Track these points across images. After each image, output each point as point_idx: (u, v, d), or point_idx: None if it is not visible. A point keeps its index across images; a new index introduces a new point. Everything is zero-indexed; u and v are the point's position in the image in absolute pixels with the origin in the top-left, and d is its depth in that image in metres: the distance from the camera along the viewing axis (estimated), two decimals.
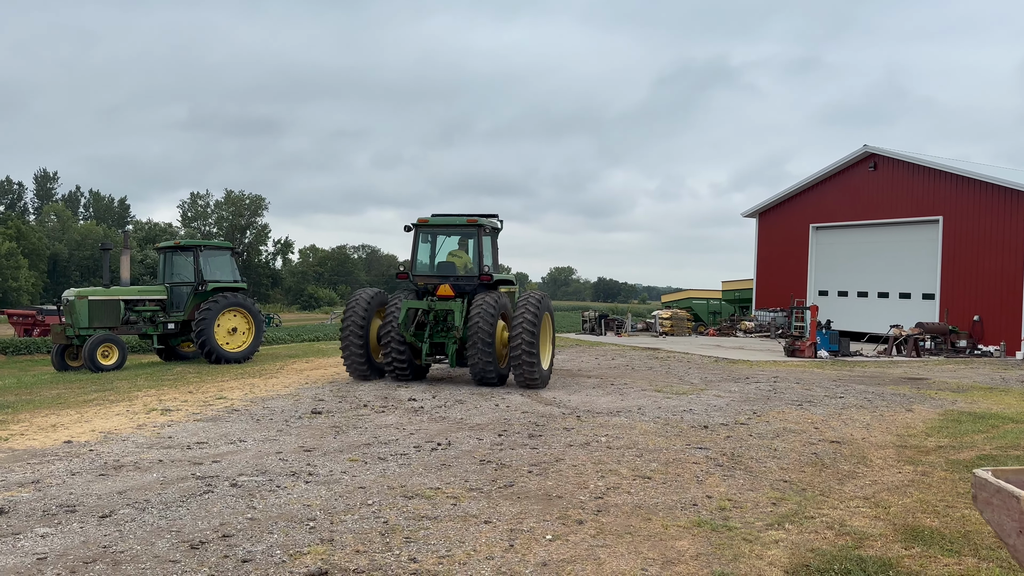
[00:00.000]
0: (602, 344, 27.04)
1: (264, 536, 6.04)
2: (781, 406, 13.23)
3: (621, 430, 10.63)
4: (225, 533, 6.08)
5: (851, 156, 31.59)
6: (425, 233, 15.36)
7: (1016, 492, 3.40)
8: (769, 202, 34.91)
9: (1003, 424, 11.99)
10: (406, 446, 9.34)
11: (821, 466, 8.83)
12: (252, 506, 6.82)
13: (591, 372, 17.94)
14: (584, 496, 7.33)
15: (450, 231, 15.39)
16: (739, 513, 6.89)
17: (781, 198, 34.39)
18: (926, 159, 29.62)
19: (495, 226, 15.58)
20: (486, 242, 15.13)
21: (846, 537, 6.23)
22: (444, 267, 15.34)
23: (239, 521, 6.39)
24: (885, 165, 30.54)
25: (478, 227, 14.92)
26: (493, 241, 15.54)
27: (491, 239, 15.49)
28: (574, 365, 19.55)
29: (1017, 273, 26.26)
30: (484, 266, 14.90)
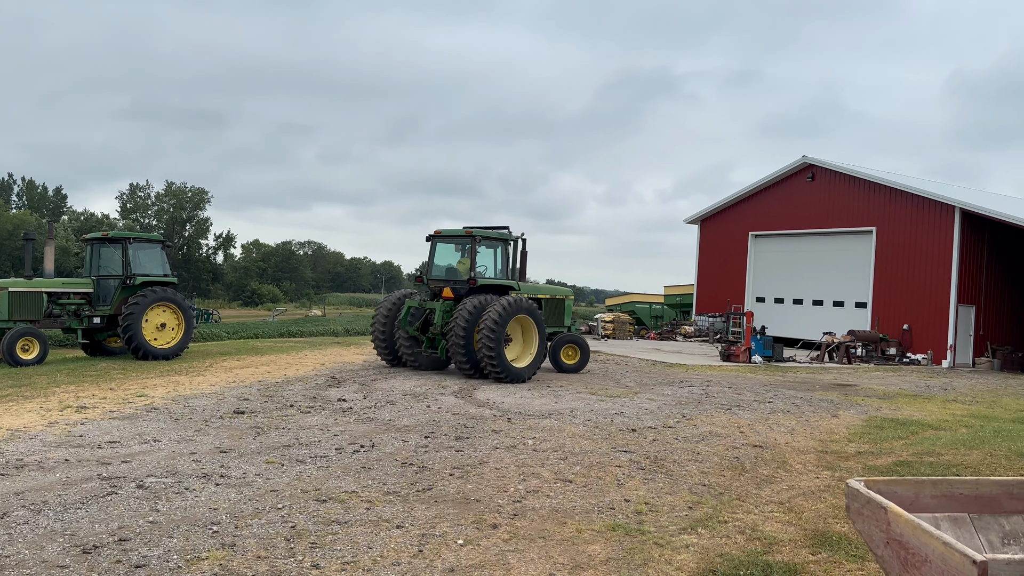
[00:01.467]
0: None
1: (163, 540, 5.80)
2: (711, 410, 13.38)
3: (550, 432, 10.59)
4: (122, 537, 5.83)
5: (790, 166, 32.28)
6: (437, 243, 17.50)
7: (884, 503, 3.43)
8: (711, 209, 35.45)
9: (922, 431, 12.30)
10: (327, 448, 9.14)
11: (741, 470, 8.92)
12: (155, 509, 6.57)
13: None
14: (503, 500, 7.25)
15: (455, 241, 17.49)
16: (654, 517, 6.89)
17: (722, 206, 34.95)
18: (861, 171, 30.43)
19: (504, 237, 17.21)
20: (482, 251, 16.97)
21: (756, 542, 6.28)
22: (451, 272, 17.51)
23: (139, 524, 6.14)
24: (823, 176, 31.28)
25: (472, 238, 16.80)
26: (503, 251, 17.32)
27: (498, 250, 17.28)
28: None
29: (945, 284, 27.15)
30: (475, 272, 16.63)
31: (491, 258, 17.19)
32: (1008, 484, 3.89)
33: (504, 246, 17.28)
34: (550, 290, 19.28)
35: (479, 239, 16.79)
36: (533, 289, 18.71)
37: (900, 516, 3.29)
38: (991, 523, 3.82)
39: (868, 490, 3.69)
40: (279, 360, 19.04)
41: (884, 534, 3.38)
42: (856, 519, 3.73)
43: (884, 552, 3.43)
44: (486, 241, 16.96)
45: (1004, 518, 3.83)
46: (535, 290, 18.74)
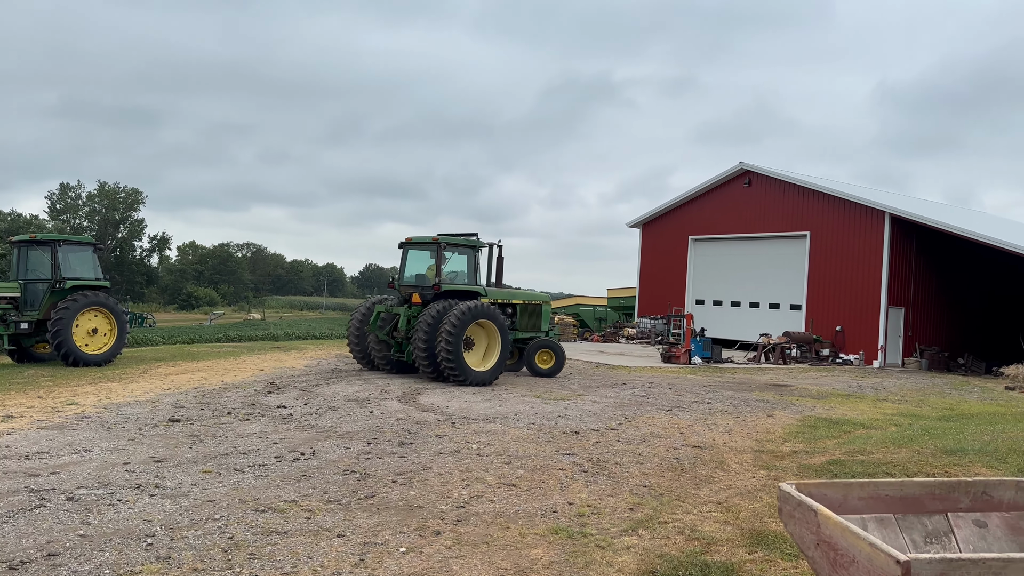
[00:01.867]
0: None
1: (94, 554, 5.62)
2: (652, 411, 13.58)
3: (494, 437, 10.61)
4: (51, 552, 5.63)
5: (728, 172, 33.01)
6: (408, 249, 17.90)
7: (814, 506, 3.55)
8: (652, 214, 36.01)
9: (854, 430, 12.71)
10: (267, 456, 8.98)
11: (681, 471, 9.09)
12: (87, 522, 6.36)
13: None
14: (446, 505, 7.24)
15: (422, 248, 17.77)
16: (596, 519, 6.97)
17: (663, 210, 35.53)
18: (796, 177, 31.31)
19: (472, 244, 17.64)
20: (453, 258, 17.49)
21: (695, 542, 6.41)
22: (420, 278, 17.75)
23: (69, 538, 5.93)
24: (759, 182, 32.07)
25: (437, 244, 17.19)
26: (472, 257, 17.70)
27: (467, 256, 17.66)
28: None
29: (875, 286, 28.12)
30: (440, 278, 16.99)
31: (461, 264, 17.65)
32: (930, 485, 4.07)
33: (473, 252, 17.67)
34: (525, 295, 19.40)
35: (445, 245, 17.20)
36: (507, 295, 18.82)
37: (829, 518, 3.41)
38: (915, 523, 3.98)
39: (799, 493, 3.81)
40: (216, 366, 18.61)
41: (814, 536, 3.50)
42: (788, 521, 3.85)
43: (814, 553, 3.54)
44: (454, 248, 17.41)
45: (927, 518, 4.00)
46: (509, 295, 18.86)
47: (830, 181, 33.46)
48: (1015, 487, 4.01)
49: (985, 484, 4.02)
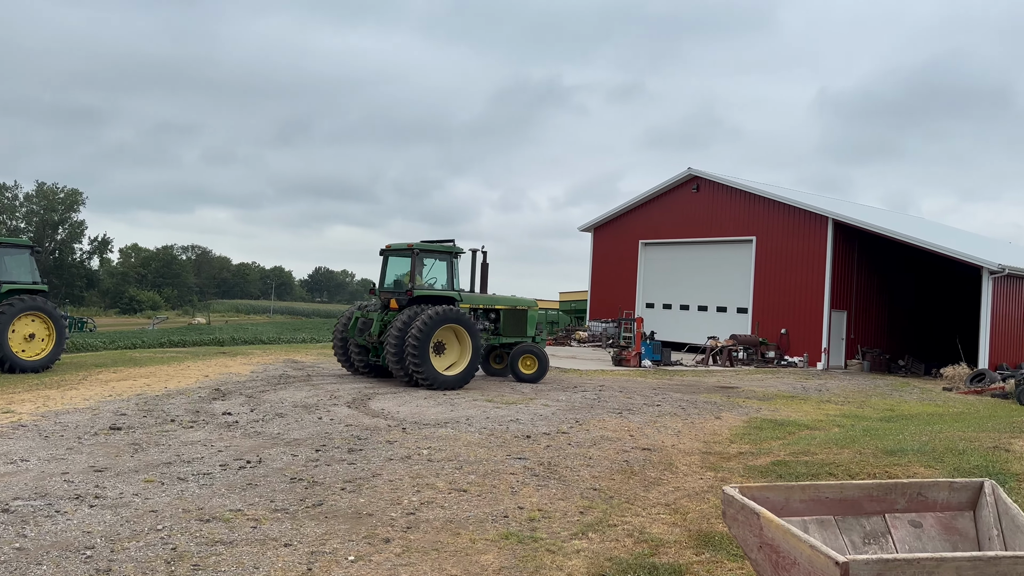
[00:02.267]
0: None
1: (31, 568, 5.43)
2: (602, 415, 13.69)
3: (445, 442, 10.57)
4: None
5: (677, 178, 33.51)
6: (388, 256, 18.20)
7: (756, 508, 3.63)
8: (603, 218, 36.34)
9: (799, 431, 13.01)
10: (211, 464, 8.80)
11: (630, 473, 9.18)
12: (23, 534, 6.14)
13: None
14: (396, 512, 7.18)
15: (401, 255, 17.95)
16: (547, 524, 7.00)
17: (614, 214, 35.89)
18: (742, 183, 31.94)
19: (449, 250, 17.81)
20: (432, 264, 17.77)
21: (644, 544, 6.48)
22: (398, 284, 17.97)
23: (4, 552, 5.73)
24: (707, 187, 32.63)
25: (411, 251, 17.43)
26: (449, 264, 17.91)
27: (444, 263, 17.87)
28: None
29: (819, 290, 28.83)
30: (413, 284, 17.25)
31: (440, 271, 17.92)
32: (868, 487, 4.19)
33: (450, 259, 17.91)
34: (510, 301, 19.40)
35: (419, 252, 17.50)
36: (489, 300, 18.88)
37: (771, 521, 3.49)
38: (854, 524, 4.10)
39: (742, 496, 3.88)
40: (159, 372, 18.16)
41: (757, 538, 3.57)
42: (732, 524, 3.92)
43: (757, 556, 3.62)
44: (432, 254, 17.74)
45: (865, 519, 4.12)
46: (492, 301, 18.92)
47: (775, 187, 34.24)
48: (948, 488, 4.15)
49: (920, 485, 4.15)
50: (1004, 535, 3.80)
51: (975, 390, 22.48)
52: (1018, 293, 28.03)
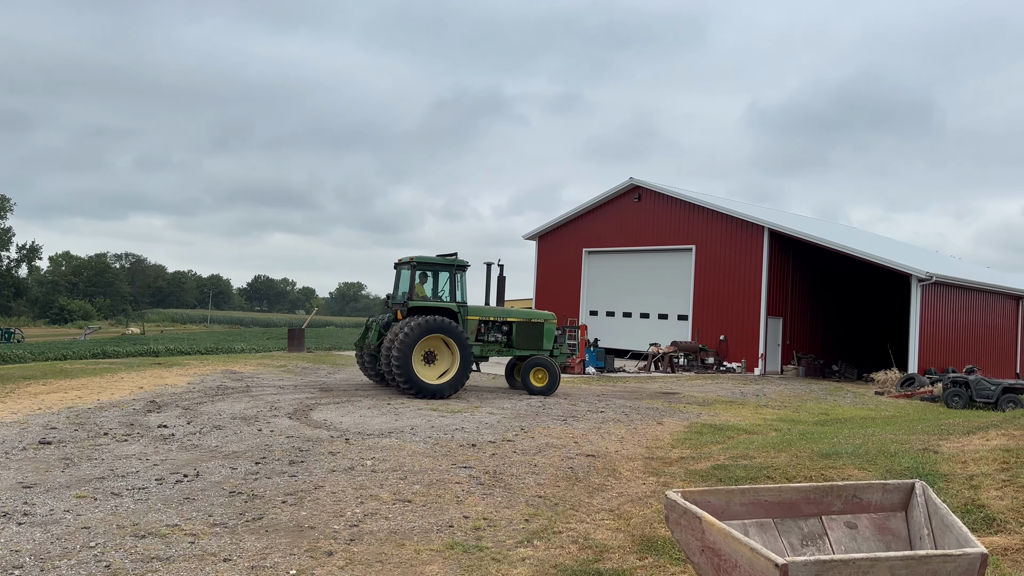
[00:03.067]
0: None
1: None
2: (547, 422, 13.75)
3: (389, 452, 10.46)
4: None
5: (619, 187, 33.97)
6: (400, 269, 18.71)
7: (699, 513, 3.70)
8: (547, 226, 36.59)
9: (737, 435, 13.28)
10: (146, 479, 8.53)
11: (575, 480, 9.24)
12: None
13: (369, 392, 17.61)
14: (339, 525, 7.08)
15: (403, 268, 18.49)
16: (492, 532, 6.99)
17: (558, 223, 36.17)
18: (682, 193, 32.56)
19: (451, 263, 18.07)
20: (426, 276, 18.16)
21: (588, 551, 6.52)
22: (402, 297, 18.28)
23: None
24: (648, 197, 33.16)
25: (411, 265, 17.92)
26: (450, 276, 18.15)
27: (447, 275, 18.18)
28: (352, 384, 19.11)
29: (756, 297, 29.54)
30: (410, 296, 17.58)
31: (443, 283, 18.26)
32: (805, 490, 4.31)
33: (452, 271, 18.17)
34: (524, 314, 19.36)
35: (417, 264, 17.97)
36: (502, 312, 18.89)
37: (713, 525, 3.55)
38: (792, 526, 4.21)
39: (684, 501, 3.95)
40: (91, 384, 17.54)
41: (699, 542, 3.63)
42: (674, 529, 3.98)
43: (700, 559, 3.68)
44: (433, 267, 18.18)
45: (803, 521, 4.23)
46: (504, 313, 18.90)
47: (714, 197, 34.98)
48: (881, 489, 4.30)
49: (855, 488, 4.29)
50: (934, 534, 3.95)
51: (905, 394, 23.31)
52: (945, 300, 29.21)
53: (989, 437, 10.63)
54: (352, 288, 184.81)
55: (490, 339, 18.74)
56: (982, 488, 7.82)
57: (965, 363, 28.43)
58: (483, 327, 18.70)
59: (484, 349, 18.66)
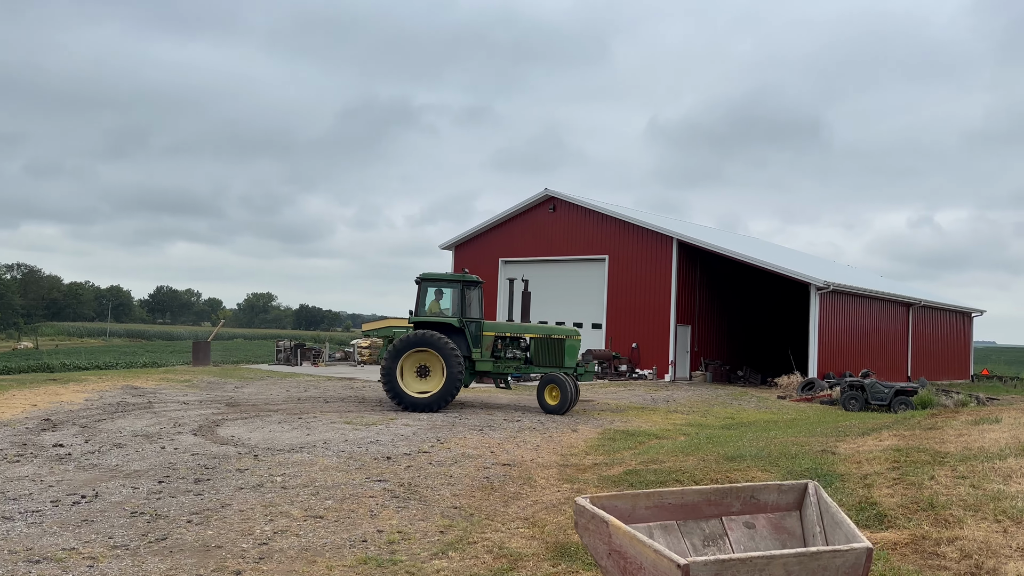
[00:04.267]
0: (296, 375, 26.16)
1: None
2: (464, 432, 13.75)
3: (301, 467, 10.26)
4: None
5: (534, 198, 34.36)
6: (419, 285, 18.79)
7: (605, 517, 3.82)
8: (464, 236, 36.64)
9: (648, 440, 13.61)
10: (41, 501, 8.10)
11: (491, 489, 9.28)
12: None
13: (279, 406, 17.21)
14: (247, 543, 6.89)
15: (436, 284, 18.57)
16: (407, 545, 6.95)
17: (474, 233, 36.28)
18: (595, 204, 33.21)
19: (459, 279, 18.12)
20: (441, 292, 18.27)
21: (503, 560, 6.56)
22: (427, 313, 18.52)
23: None
24: (563, 207, 33.66)
25: (418, 281, 18.37)
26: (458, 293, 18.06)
27: (454, 291, 18.15)
28: (262, 399, 18.62)
29: (665, 306, 30.36)
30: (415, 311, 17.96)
31: (454, 299, 18.23)
32: (706, 492, 4.49)
33: (461, 287, 18.09)
34: (544, 330, 18.83)
35: (421, 281, 18.32)
36: (519, 328, 18.53)
37: (619, 528, 3.66)
38: (694, 528, 4.37)
39: (592, 506, 4.05)
40: None
41: (606, 546, 3.73)
42: (583, 534, 4.07)
43: (607, 563, 3.78)
44: (439, 283, 18.35)
45: (704, 522, 4.41)
46: (522, 329, 18.51)
47: (626, 208, 35.82)
48: (777, 490, 4.52)
49: (753, 489, 4.49)
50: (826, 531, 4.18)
51: (806, 397, 24.39)
52: (842, 307, 30.74)
53: (882, 438, 11.26)
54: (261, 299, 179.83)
55: (508, 355, 18.32)
56: (875, 487, 8.27)
57: (861, 367, 29.97)
58: (500, 343, 18.35)
59: (501, 366, 18.27)
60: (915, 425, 12.21)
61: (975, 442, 10.01)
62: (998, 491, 7.48)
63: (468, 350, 17.81)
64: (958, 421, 12.19)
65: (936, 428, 11.58)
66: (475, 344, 17.95)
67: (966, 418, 12.51)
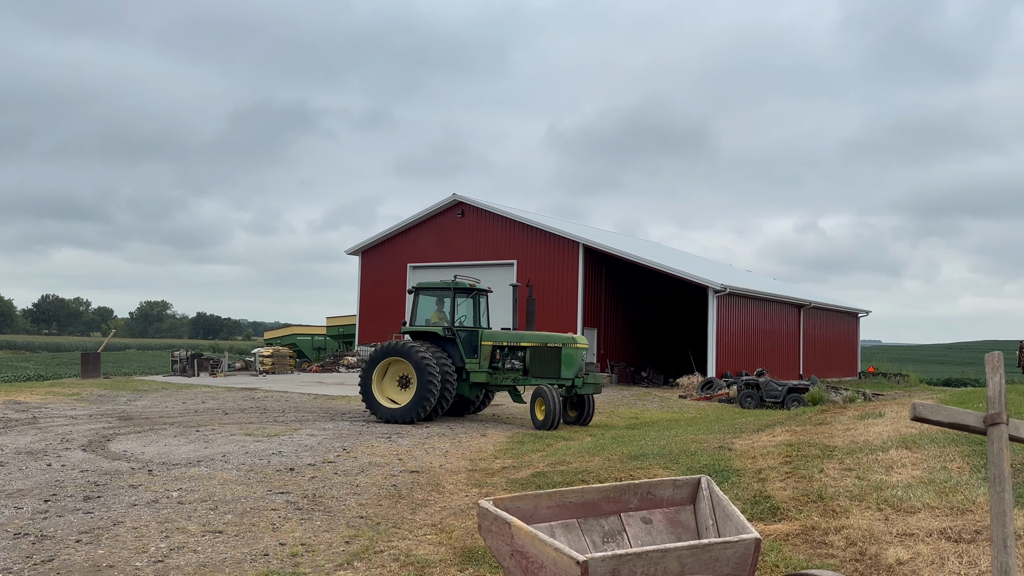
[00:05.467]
0: (193, 387, 25.20)
1: None
2: (371, 440, 13.58)
3: (198, 482, 9.89)
4: None
5: (442, 203, 34.32)
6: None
7: (508, 518, 3.88)
8: (370, 241, 36.22)
9: (556, 442, 13.80)
10: None
11: (398, 497, 9.20)
12: None
13: (175, 419, 16.54)
14: (141, 562, 6.60)
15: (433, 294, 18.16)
16: (311, 557, 6.81)
17: (382, 238, 35.91)
18: (503, 209, 33.45)
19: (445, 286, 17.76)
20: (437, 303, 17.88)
21: (409, 567, 6.52)
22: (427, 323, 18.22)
23: None
24: (471, 213, 33.75)
25: (411, 291, 18.26)
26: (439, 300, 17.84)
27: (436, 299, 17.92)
28: (156, 412, 17.86)
29: (573, 309, 30.85)
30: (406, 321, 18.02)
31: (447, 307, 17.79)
32: (605, 490, 4.61)
33: (452, 295, 17.52)
34: (540, 337, 17.26)
35: (412, 290, 18.22)
36: (514, 336, 17.30)
37: (521, 528, 3.71)
38: (594, 525, 4.48)
39: (495, 508, 4.09)
40: None
41: (509, 547, 3.78)
42: (486, 536, 4.11)
43: (509, 564, 3.83)
44: (429, 292, 18.05)
45: (604, 519, 4.52)
46: (519, 337, 17.23)
47: (532, 213, 36.24)
48: (672, 486, 4.68)
49: (649, 485, 4.64)
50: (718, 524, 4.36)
51: (705, 397, 25.26)
52: (738, 309, 31.99)
53: (775, 434, 11.78)
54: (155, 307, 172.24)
55: (506, 366, 17.21)
56: (769, 480, 8.65)
57: (756, 367, 31.27)
58: (498, 353, 17.27)
59: (499, 377, 17.11)
60: (806, 421, 12.84)
61: (861, 436, 10.60)
62: (881, 481, 7.95)
63: (461, 360, 16.91)
64: (845, 416, 12.88)
65: (825, 423, 12.21)
66: (470, 354, 17.02)
67: (853, 413, 13.23)
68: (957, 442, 9.12)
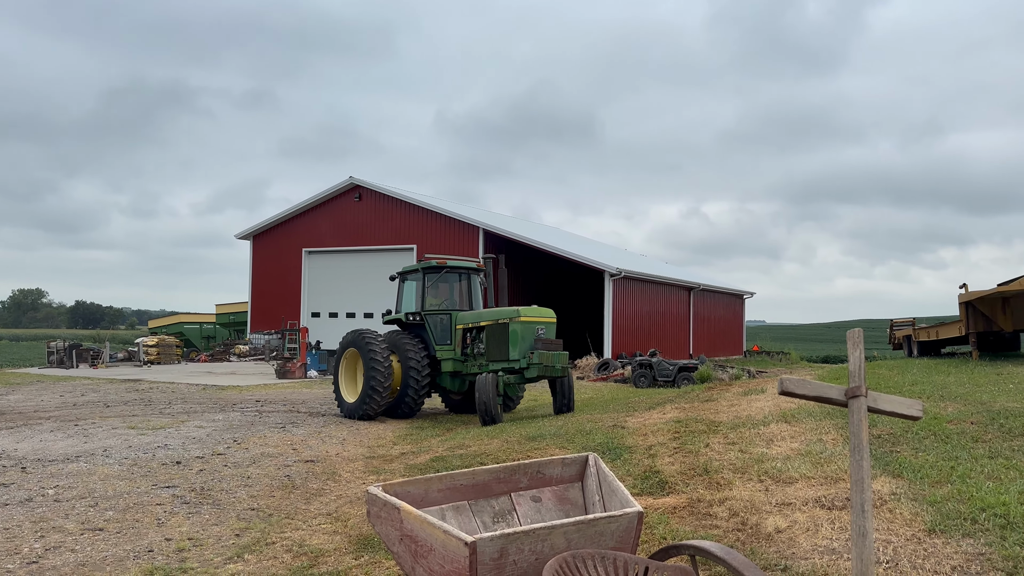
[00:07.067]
0: (72, 379, 23.84)
1: None
2: (264, 430, 13.23)
3: (77, 478, 9.38)
4: None
5: (338, 186, 33.61)
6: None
7: (397, 503, 3.88)
8: (262, 225, 35.10)
9: (456, 427, 13.84)
10: None
11: (292, 488, 9.02)
12: None
13: (51, 413, 15.61)
14: (14, 563, 6.22)
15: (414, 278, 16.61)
16: (199, 552, 6.59)
17: (274, 222, 34.87)
18: (402, 193, 33.09)
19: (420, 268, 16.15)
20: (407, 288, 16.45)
21: (303, 557, 6.42)
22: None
23: None
24: (369, 196, 33.20)
25: (393, 278, 16.91)
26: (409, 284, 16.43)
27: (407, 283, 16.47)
28: (31, 406, 16.80)
29: None
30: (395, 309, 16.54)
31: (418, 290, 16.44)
32: (496, 471, 4.66)
33: (421, 278, 16.01)
34: (492, 314, 14.96)
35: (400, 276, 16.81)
36: (475, 316, 15.25)
37: (410, 513, 3.71)
38: (485, 506, 4.53)
39: (384, 493, 4.08)
40: None
41: (398, 532, 3.78)
42: (376, 522, 4.09)
43: (399, 548, 3.83)
44: (404, 276, 16.66)
45: (494, 500, 4.58)
46: (477, 317, 15.19)
47: (431, 197, 36.01)
48: (561, 464, 4.79)
49: (539, 464, 4.73)
50: (604, 499, 4.49)
51: (601, 377, 25.88)
52: (632, 292, 32.86)
53: (666, 411, 12.21)
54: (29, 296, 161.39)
55: (475, 351, 15.13)
56: (658, 456, 8.97)
57: (650, 347, 32.26)
58: (468, 337, 15.25)
59: (470, 364, 15.04)
60: (694, 398, 13.37)
61: (744, 411, 11.13)
62: (761, 454, 8.38)
63: (432, 348, 15.31)
64: (731, 393, 13.49)
65: (712, 400, 12.75)
66: (443, 340, 15.31)
67: (737, 390, 13.87)
68: (832, 416, 9.71)
